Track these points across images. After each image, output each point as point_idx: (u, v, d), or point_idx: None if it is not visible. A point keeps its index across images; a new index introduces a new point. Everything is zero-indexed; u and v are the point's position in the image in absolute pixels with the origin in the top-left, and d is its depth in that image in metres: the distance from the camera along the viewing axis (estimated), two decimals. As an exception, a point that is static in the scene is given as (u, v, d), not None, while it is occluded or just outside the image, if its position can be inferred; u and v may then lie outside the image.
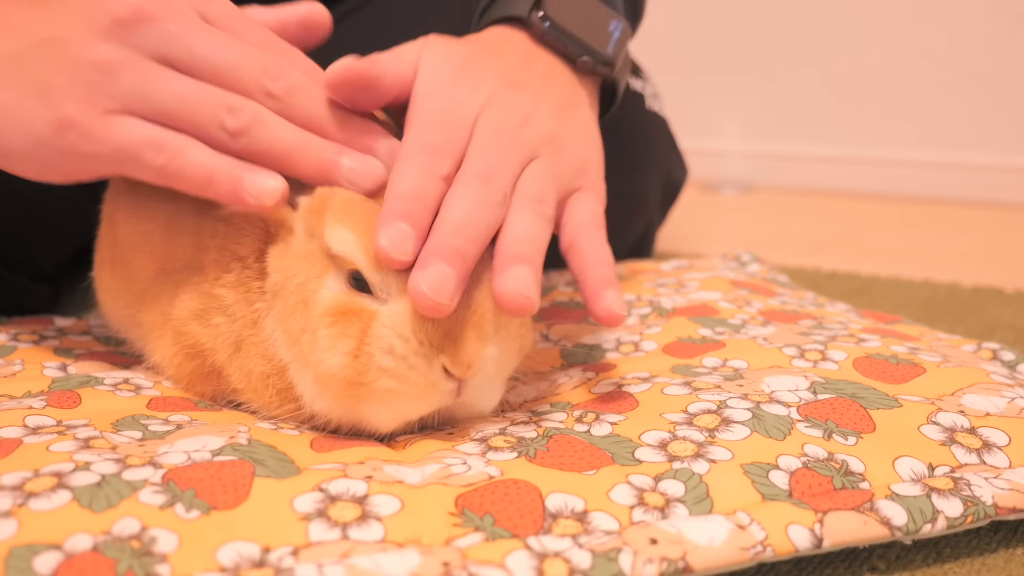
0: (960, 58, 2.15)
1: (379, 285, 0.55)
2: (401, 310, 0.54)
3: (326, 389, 0.56)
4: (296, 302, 0.57)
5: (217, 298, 0.61)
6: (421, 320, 0.53)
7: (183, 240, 0.64)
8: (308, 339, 0.56)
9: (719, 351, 0.72)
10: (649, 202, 1.16)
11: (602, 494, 0.51)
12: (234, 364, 0.62)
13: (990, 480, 0.55)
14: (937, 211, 2.03)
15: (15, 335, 0.78)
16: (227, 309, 0.61)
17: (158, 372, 0.68)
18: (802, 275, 1.32)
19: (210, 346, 0.62)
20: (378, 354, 0.53)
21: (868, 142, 2.29)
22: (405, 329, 0.54)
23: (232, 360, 0.62)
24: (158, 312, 0.65)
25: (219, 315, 0.61)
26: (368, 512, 0.48)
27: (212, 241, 0.62)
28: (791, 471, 0.54)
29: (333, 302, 0.56)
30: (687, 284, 0.93)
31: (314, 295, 0.56)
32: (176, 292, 0.64)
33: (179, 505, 0.47)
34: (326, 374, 0.55)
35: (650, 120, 1.14)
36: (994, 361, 0.73)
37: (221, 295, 0.61)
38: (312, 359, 0.56)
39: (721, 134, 2.47)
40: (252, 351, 0.60)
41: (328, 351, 0.55)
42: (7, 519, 0.45)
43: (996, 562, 0.55)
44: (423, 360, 0.54)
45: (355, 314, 0.55)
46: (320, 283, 0.56)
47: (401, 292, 0.55)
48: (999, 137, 2.14)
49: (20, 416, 0.58)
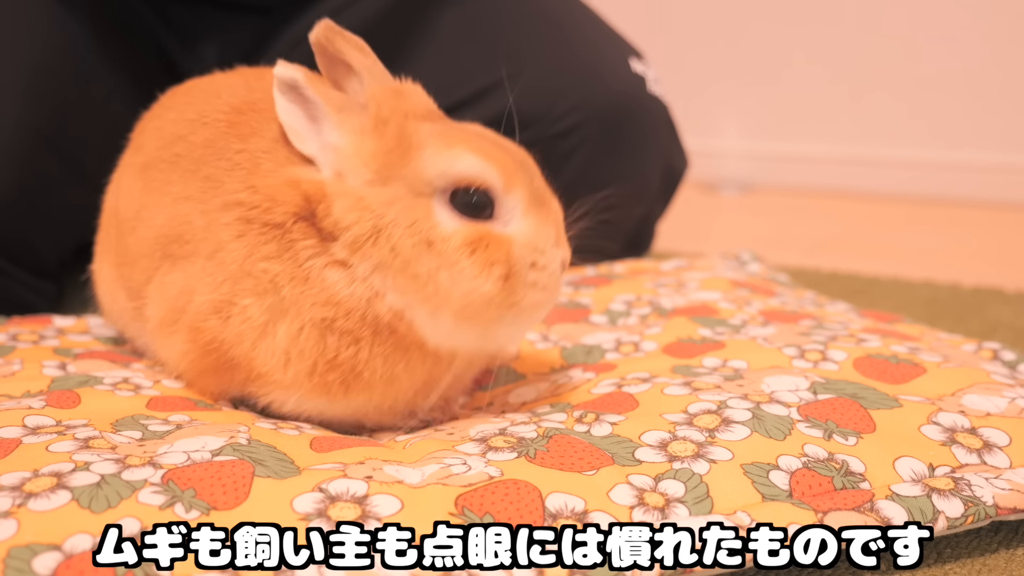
0: (960, 58, 2.15)
1: (508, 206, 0.59)
2: (531, 227, 0.59)
3: (475, 317, 0.59)
4: (414, 245, 0.57)
5: (254, 276, 0.60)
6: (546, 230, 0.60)
7: (191, 220, 0.63)
8: (447, 275, 0.57)
9: (719, 351, 0.72)
10: (649, 185, 1.16)
11: (602, 494, 0.51)
12: (262, 346, 0.60)
13: (991, 480, 0.55)
14: (937, 211, 2.03)
15: (14, 335, 0.77)
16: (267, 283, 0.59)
17: (165, 369, 0.68)
18: (802, 275, 1.32)
19: (231, 339, 0.61)
20: (524, 271, 0.58)
21: (869, 142, 2.28)
22: (539, 242, 0.59)
23: (260, 341, 0.60)
24: (166, 306, 0.65)
25: (248, 296, 0.60)
26: (368, 512, 0.48)
27: (230, 216, 0.61)
28: (791, 471, 0.54)
29: (466, 234, 0.57)
30: (687, 284, 0.93)
31: (436, 233, 0.57)
32: (188, 284, 0.63)
33: (179, 505, 0.47)
34: (479, 301, 0.57)
35: (651, 103, 1.14)
36: (995, 361, 0.73)
37: (263, 270, 0.59)
38: (457, 292, 0.57)
39: (721, 134, 2.47)
40: (304, 307, 0.59)
41: (479, 279, 0.57)
42: (6, 519, 0.45)
43: (996, 562, 0.55)
44: (556, 264, 0.60)
45: (493, 240, 0.58)
46: (431, 220, 0.57)
47: (525, 211, 0.59)
48: (999, 137, 2.14)
49: (19, 416, 0.58)
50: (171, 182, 0.66)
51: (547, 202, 0.61)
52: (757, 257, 1.11)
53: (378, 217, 0.57)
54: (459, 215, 0.58)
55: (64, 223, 0.98)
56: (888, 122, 2.26)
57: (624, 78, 1.10)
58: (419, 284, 0.58)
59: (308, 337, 0.59)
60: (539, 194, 0.61)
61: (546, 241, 0.59)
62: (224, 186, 0.62)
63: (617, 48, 1.14)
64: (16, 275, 0.95)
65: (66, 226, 0.98)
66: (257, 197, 0.60)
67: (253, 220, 0.60)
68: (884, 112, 2.26)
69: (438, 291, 0.57)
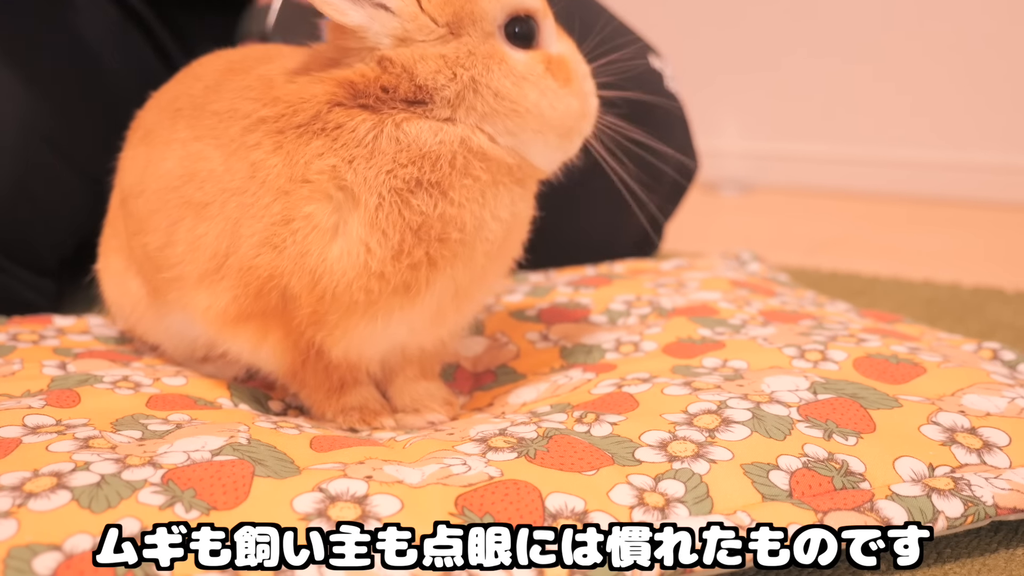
0: (961, 58, 2.15)
1: (547, 30, 0.63)
2: (571, 48, 0.65)
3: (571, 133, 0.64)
4: (514, 83, 0.60)
5: (309, 181, 0.58)
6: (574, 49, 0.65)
7: (207, 155, 0.62)
8: (547, 101, 0.61)
9: (719, 351, 0.72)
10: (663, 181, 1.16)
11: (602, 494, 0.51)
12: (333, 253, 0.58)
13: (990, 480, 0.55)
14: (938, 211, 2.03)
15: (15, 335, 0.77)
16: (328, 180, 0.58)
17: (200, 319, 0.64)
18: (802, 275, 1.32)
19: (291, 267, 0.59)
20: (582, 82, 0.64)
21: (868, 142, 2.28)
22: (578, 57, 0.65)
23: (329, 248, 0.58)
24: (207, 255, 0.61)
25: (309, 204, 0.58)
26: (368, 512, 0.48)
27: (257, 135, 0.60)
28: (791, 471, 0.54)
29: (539, 59, 0.61)
30: (687, 284, 0.92)
31: (520, 68, 0.60)
32: (225, 226, 0.60)
33: (179, 505, 0.47)
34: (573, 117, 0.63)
35: (669, 99, 1.15)
36: (994, 361, 0.73)
37: (318, 169, 0.58)
38: (557, 112, 0.62)
39: (721, 134, 2.47)
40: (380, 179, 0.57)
41: (568, 97, 0.62)
42: (7, 519, 0.45)
43: (996, 562, 0.55)
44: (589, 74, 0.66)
45: (557, 62, 0.62)
46: (509, 60, 0.60)
47: (560, 34, 0.64)
48: (1000, 137, 2.14)
49: (19, 415, 0.58)
50: (176, 130, 0.65)
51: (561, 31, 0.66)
52: (757, 257, 1.11)
53: (470, 68, 0.59)
54: (516, 47, 0.61)
55: (64, 221, 0.98)
56: (888, 122, 2.26)
57: (643, 73, 1.10)
58: (529, 119, 0.61)
59: (390, 210, 0.58)
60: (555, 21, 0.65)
61: (579, 57, 0.65)
62: (240, 111, 0.61)
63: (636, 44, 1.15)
64: (15, 273, 0.95)
65: (66, 224, 0.98)
66: (281, 106, 0.59)
67: (285, 129, 0.59)
68: (884, 112, 2.26)
69: (544, 118, 0.61)
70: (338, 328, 0.61)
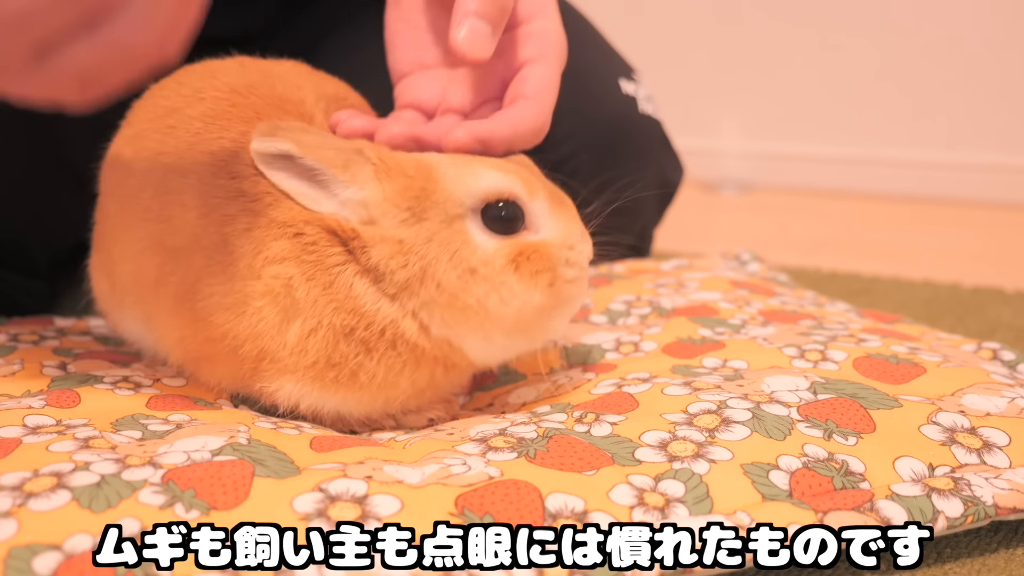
0: (960, 58, 2.15)
1: (535, 212, 0.60)
2: (560, 226, 0.61)
3: (528, 329, 0.60)
4: (459, 276, 0.58)
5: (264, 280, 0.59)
6: (570, 226, 0.61)
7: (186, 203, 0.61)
8: (496, 297, 0.58)
9: (719, 351, 0.72)
10: (644, 206, 1.16)
11: (602, 494, 0.51)
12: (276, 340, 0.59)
13: (990, 480, 0.55)
14: (937, 211, 2.03)
15: (15, 335, 0.77)
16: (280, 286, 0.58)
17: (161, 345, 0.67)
18: (802, 275, 1.32)
19: (245, 334, 0.60)
20: (563, 270, 0.60)
21: (868, 142, 2.29)
22: (570, 239, 0.61)
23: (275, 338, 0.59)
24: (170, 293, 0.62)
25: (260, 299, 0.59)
26: (368, 512, 0.48)
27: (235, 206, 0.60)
28: (791, 471, 0.54)
29: (507, 251, 0.58)
30: (687, 284, 0.93)
31: (476, 257, 0.58)
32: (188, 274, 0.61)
33: (179, 505, 0.47)
34: (531, 313, 0.59)
35: (643, 123, 1.14)
36: (994, 361, 0.73)
37: (274, 274, 0.58)
38: (508, 311, 0.58)
39: (721, 133, 2.47)
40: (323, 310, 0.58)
41: (528, 292, 0.58)
42: (7, 519, 0.45)
43: (996, 562, 0.55)
44: (584, 256, 0.62)
45: (533, 250, 0.59)
46: (470, 246, 0.58)
47: (551, 214, 0.61)
48: (999, 137, 2.14)
49: (19, 416, 0.58)
50: (165, 149, 0.64)
51: (563, 199, 0.63)
52: (757, 257, 1.11)
53: (421, 257, 0.58)
54: (493, 233, 0.59)
55: (56, 223, 0.97)
56: (888, 122, 2.26)
57: (614, 102, 1.10)
58: (469, 314, 0.58)
59: (323, 338, 0.59)
60: (555, 193, 0.62)
61: (574, 236, 0.61)
62: (229, 168, 0.60)
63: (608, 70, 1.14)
64: (6, 276, 0.94)
65: (58, 226, 0.97)
66: (264, 186, 0.59)
67: (260, 213, 0.59)
68: (884, 112, 2.26)
69: (489, 316, 0.58)
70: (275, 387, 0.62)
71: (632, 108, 1.12)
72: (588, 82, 1.11)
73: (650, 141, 1.15)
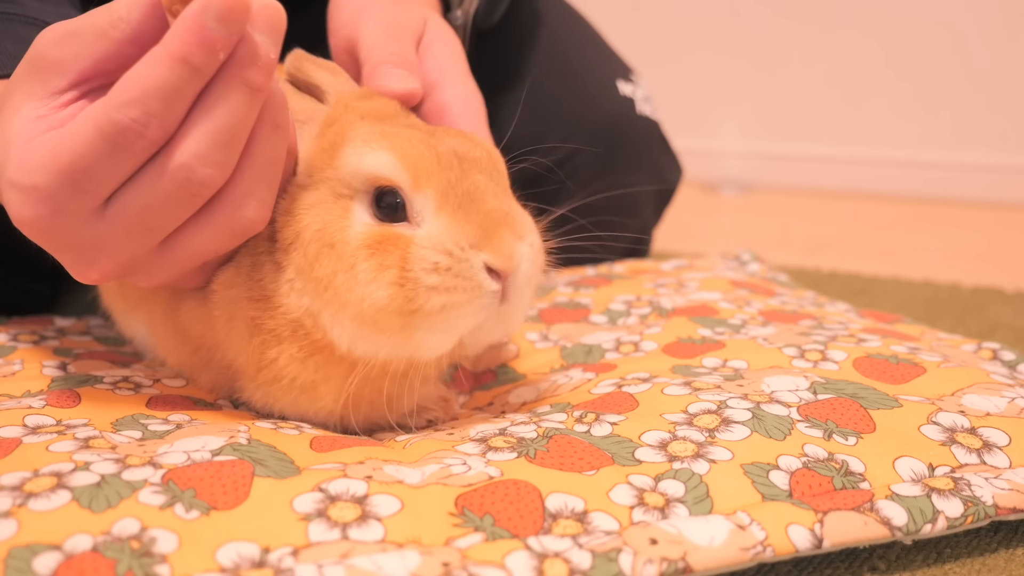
0: (961, 58, 2.15)
1: (417, 206, 0.56)
2: (439, 227, 0.55)
3: (375, 325, 0.55)
4: (320, 247, 0.56)
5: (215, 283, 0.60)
6: (459, 230, 0.55)
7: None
8: (344, 278, 0.55)
9: (719, 351, 0.72)
10: (643, 205, 1.17)
11: (602, 494, 0.51)
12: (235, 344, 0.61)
13: (990, 480, 0.55)
14: (937, 211, 2.03)
15: (15, 335, 0.77)
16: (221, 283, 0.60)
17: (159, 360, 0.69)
18: (802, 275, 1.32)
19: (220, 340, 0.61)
20: (423, 275, 0.54)
21: (869, 142, 2.29)
22: (445, 243, 0.54)
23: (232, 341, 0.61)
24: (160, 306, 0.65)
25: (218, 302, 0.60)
26: (368, 512, 0.48)
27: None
28: (791, 471, 0.54)
29: (366, 235, 0.55)
30: (687, 284, 0.93)
31: (342, 234, 0.55)
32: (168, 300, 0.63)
33: (179, 505, 0.47)
34: (373, 308, 0.54)
35: (640, 124, 1.14)
36: (994, 361, 0.73)
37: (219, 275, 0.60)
38: (353, 297, 0.55)
39: (721, 134, 2.47)
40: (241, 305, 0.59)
41: (371, 284, 0.54)
42: (7, 519, 0.45)
43: (996, 562, 0.55)
44: (467, 265, 0.54)
45: (391, 242, 0.55)
46: (344, 222, 0.56)
47: (437, 211, 0.55)
48: (1000, 137, 2.14)
49: (20, 416, 0.58)
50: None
51: (475, 201, 0.56)
52: (757, 257, 1.11)
53: (297, 221, 0.57)
54: (374, 217, 0.56)
55: None
56: (888, 122, 2.26)
57: (612, 104, 1.10)
58: (321, 287, 0.56)
59: (243, 336, 0.59)
60: (464, 193, 0.56)
61: (456, 242, 0.55)
62: None
63: (606, 71, 1.14)
64: (6, 276, 0.94)
65: None
66: None
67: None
68: (884, 112, 2.27)
69: (337, 295, 0.55)
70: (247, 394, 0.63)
71: (630, 109, 1.12)
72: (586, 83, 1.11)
73: (648, 142, 1.15)
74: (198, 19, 0.47)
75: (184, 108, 0.50)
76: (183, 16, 0.47)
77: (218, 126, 0.50)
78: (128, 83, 0.49)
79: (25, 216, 0.53)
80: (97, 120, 0.49)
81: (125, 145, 0.49)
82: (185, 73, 0.48)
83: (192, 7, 0.47)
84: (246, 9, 0.48)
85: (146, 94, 0.48)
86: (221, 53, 0.48)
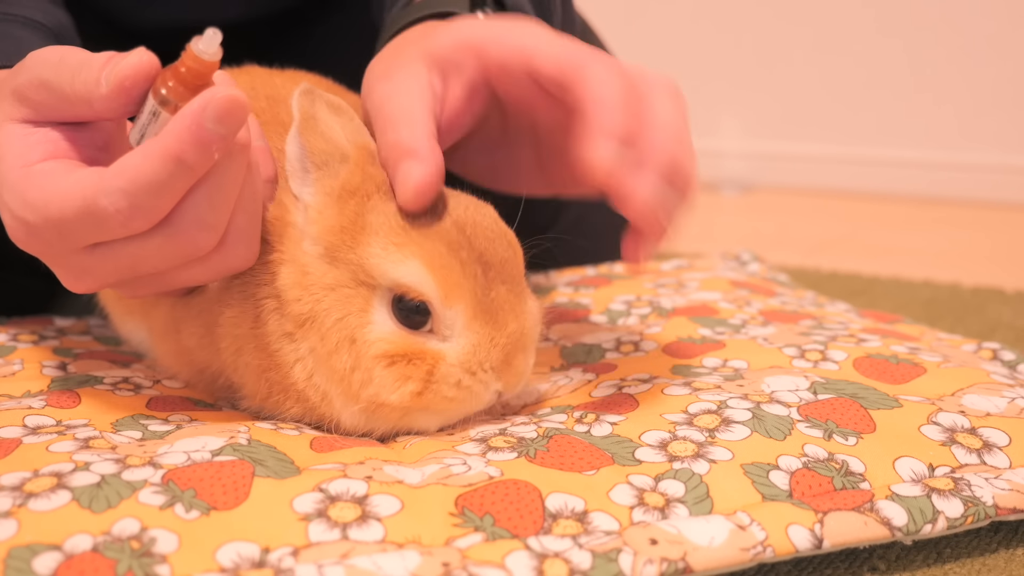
0: (961, 58, 2.15)
1: (447, 321, 0.56)
2: (468, 346, 0.56)
3: (381, 415, 0.57)
4: (340, 340, 0.55)
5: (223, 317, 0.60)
6: (484, 354, 0.56)
7: None
8: (360, 377, 0.55)
9: (719, 351, 0.72)
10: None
11: (602, 494, 0.51)
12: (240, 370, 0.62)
13: (990, 480, 0.55)
14: (937, 211, 2.03)
15: (15, 335, 0.77)
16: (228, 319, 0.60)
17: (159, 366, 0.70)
18: (802, 275, 1.32)
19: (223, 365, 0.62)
20: (445, 388, 0.56)
21: (868, 142, 2.29)
22: (471, 364, 0.56)
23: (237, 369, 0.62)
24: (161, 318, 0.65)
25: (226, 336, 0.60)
26: (368, 512, 0.48)
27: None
28: (791, 471, 0.54)
29: (390, 344, 0.55)
30: (687, 284, 0.93)
31: (361, 332, 0.55)
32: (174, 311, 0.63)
33: (179, 505, 0.47)
34: (386, 407, 0.56)
35: None
36: (994, 361, 0.73)
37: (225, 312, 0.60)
38: (365, 394, 0.56)
39: (721, 134, 2.47)
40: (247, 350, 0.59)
41: (390, 391, 0.55)
42: (7, 519, 0.45)
43: (996, 562, 0.55)
44: (483, 387, 0.57)
45: (418, 356, 0.55)
46: (364, 318, 0.55)
47: (465, 326, 0.56)
48: (1000, 137, 2.14)
49: (20, 416, 0.58)
50: None
51: (498, 320, 0.56)
52: (757, 257, 1.11)
53: (316, 301, 0.55)
54: (397, 321, 0.55)
55: None
56: (888, 122, 2.26)
57: None
58: (336, 377, 0.56)
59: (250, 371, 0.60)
60: (493, 307, 0.56)
61: (481, 364, 0.56)
62: None
63: None
64: (5, 277, 0.94)
65: None
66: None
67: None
68: (884, 112, 2.27)
69: (350, 388, 0.56)
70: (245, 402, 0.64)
71: None
72: None
73: None
74: (196, 119, 0.46)
75: (172, 202, 0.49)
76: (182, 114, 0.47)
77: (213, 189, 0.50)
78: (119, 171, 0.48)
79: (15, 236, 0.53)
80: (85, 196, 0.49)
81: (109, 229, 0.50)
82: (177, 171, 0.47)
83: (191, 106, 0.47)
84: (245, 110, 0.48)
85: (135, 186, 0.48)
86: (216, 153, 0.48)
